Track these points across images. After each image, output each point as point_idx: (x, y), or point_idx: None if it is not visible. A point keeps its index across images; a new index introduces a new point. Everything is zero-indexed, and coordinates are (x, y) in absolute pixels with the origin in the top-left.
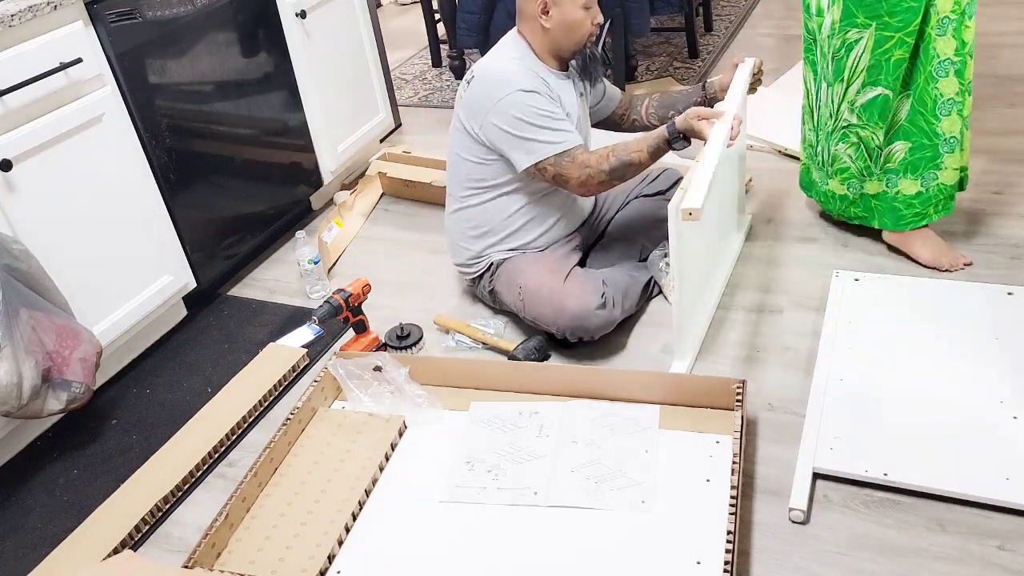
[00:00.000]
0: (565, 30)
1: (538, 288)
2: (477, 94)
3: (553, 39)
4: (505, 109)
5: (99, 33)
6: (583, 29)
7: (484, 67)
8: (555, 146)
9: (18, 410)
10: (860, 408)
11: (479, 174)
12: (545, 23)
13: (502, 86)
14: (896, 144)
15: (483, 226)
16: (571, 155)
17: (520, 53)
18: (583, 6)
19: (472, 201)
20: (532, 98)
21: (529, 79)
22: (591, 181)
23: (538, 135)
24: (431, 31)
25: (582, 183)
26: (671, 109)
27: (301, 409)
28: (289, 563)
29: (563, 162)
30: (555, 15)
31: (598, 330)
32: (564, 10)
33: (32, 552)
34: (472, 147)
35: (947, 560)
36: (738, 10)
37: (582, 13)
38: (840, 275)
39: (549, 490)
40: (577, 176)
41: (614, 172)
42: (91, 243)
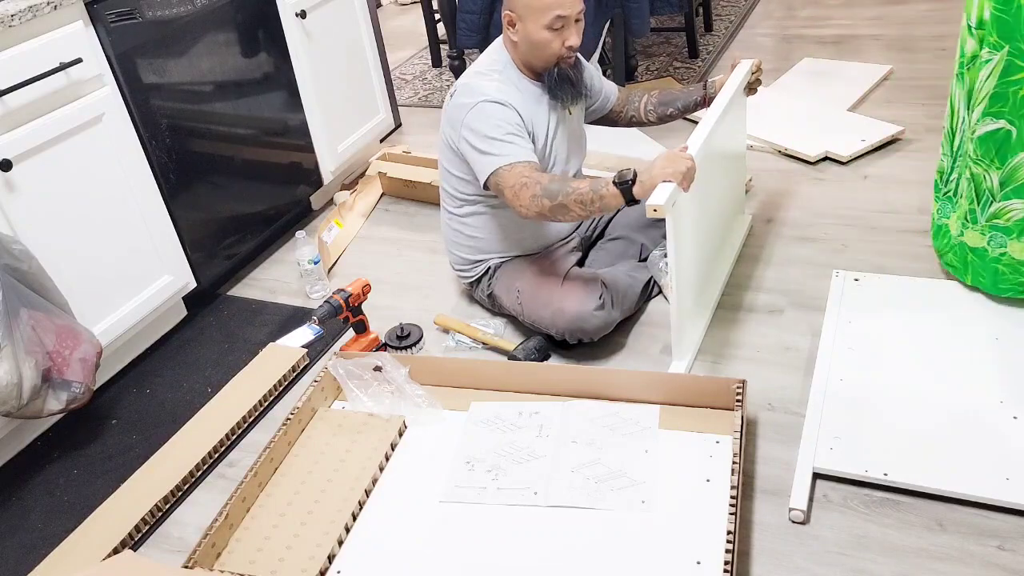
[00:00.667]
0: (531, 46)
1: (536, 291)
2: (454, 107)
3: (521, 53)
4: (471, 121)
5: (99, 33)
6: (549, 49)
7: (462, 80)
8: (501, 158)
9: (18, 410)
10: (860, 408)
11: (464, 188)
12: (512, 36)
13: (471, 99)
14: (1015, 202)
15: (475, 237)
16: (512, 165)
17: (502, 63)
18: (546, 27)
19: (461, 213)
20: (495, 109)
21: (500, 91)
22: (524, 193)
23: (490, 146)
24: (431, 31)
25: (515, 194)
26: (670, 107)
27: (301, 409)
28: (289, 563)
29: (502, 171)
30: (520, 30)
31: (597, 331)
32: (527, 28)
33: (32, 552)
34: (455, 161)
35: (947, 560)
36: (738, 10)
37: (547, 34)
38: (840, 275)
39: (549, 490)
40: (511, 185)
41: (549, 191)
42: (91, 243)
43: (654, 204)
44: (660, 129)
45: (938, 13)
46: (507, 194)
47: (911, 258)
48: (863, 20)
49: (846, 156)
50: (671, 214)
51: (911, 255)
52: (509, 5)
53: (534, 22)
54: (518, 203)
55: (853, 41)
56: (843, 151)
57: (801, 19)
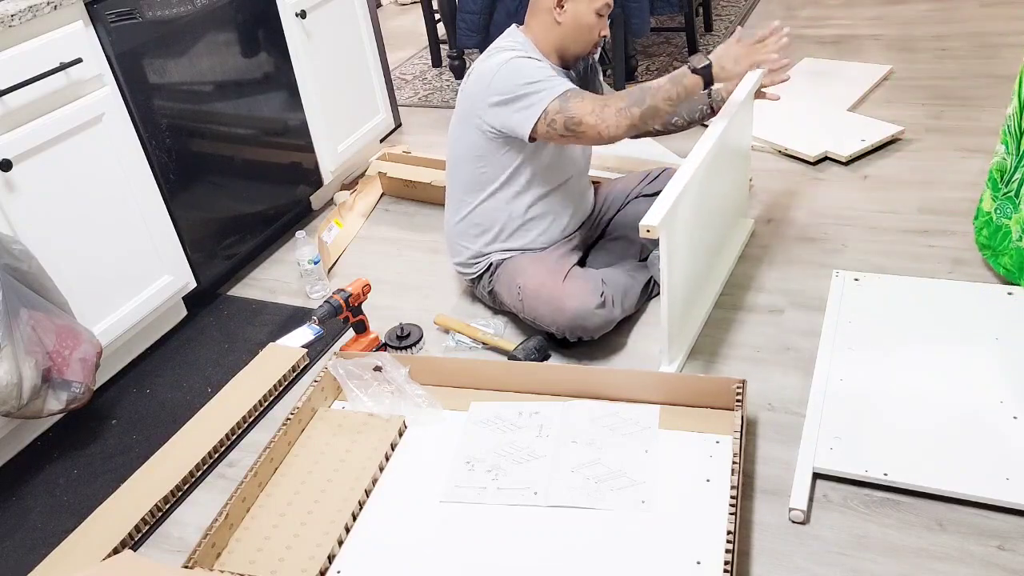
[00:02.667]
0: (575, 29)
1: (537, 288)
2: (476, 80)
3: (562, 36)
4: (500, 80)
5: (99, 33)
6: (591, 34)
7: (482, 59)
8: (553, 91)
9: (18, 410)
10: (860, 408)
11: (480, 172)
12: (558, 17)
13: (495, 65)
14: None
15: (484, 226)
16: (576, 94)
17: (523, 44)
18: (597, 12)
19: (473, 200)
20: (523, 63)
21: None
22: (606, 113)
23: (534, 88)
24: (431, 31)
25: (599, 119)
26: (675, 115)
27: (301, 409)
28: (289, 563)
29: (569, 103)
30: (569, 11)
31: (597, 330)
32: (579, 8)
33: (32, 552)
34: (474, 142)
35: (947, 560)
36: (738, 10)
37: (594, 19)
38: (840, 275)
39: (549, 490)
40: (590, 110)
41: (632, 99)
42: (91, 243)
43: (648, 224)
44: None
45: (938, 13)
46: (588, 120)
47: (911, 258)
48: (863, 20)
49: (846, 156)
50: (665, 232)
51: (911, 255)
52: None
53: (587, 5)
54: (603, 124)
55: (853, 41)
56: (843, 151)
57: (801, 19)
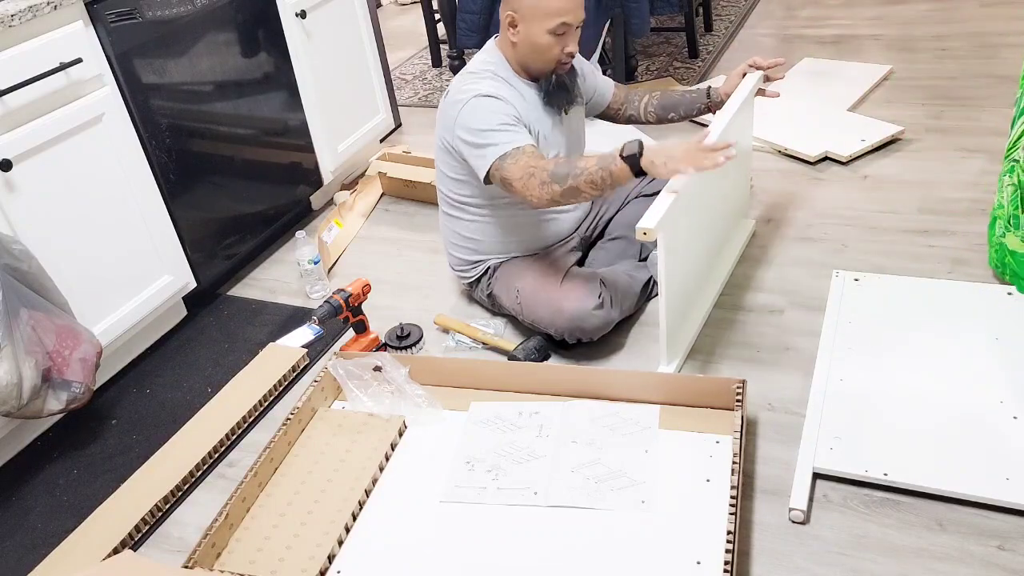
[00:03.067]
0: (530, 49)
1: (535, 291)
2: (446, 107)
3: (520, 55)
4: (465, 116)
5: (99, 33)
6: (549, 54)
7: (455, 81)
8: (502, 147)
9: (18, 410)
10: (860, 408)
11: (461, 190)
12: (512, 37)
13: (463, 96)
14: None
15: (472, 239)
16: (515, 156)
17: (496, 63)
18: (550, 31)
19: (458, 215)
20: (487, 103)
21: (491, 85)
22: (530, 183)
23: (485, 138)
24: (431, 31)
25: (524, 186)
26: (671, 111)
27: (301, 409)
28: (289, 563)
29: (506, 162)
30: (522, 32)
31: (596, 331)
32: (531, 30)
33: (32, 552)
34: (449, 162)
35: (947, 560)
36: (738, 10)
37: (549, 39)
38: (840, 275)
39: (549, 490)
40: (519, 176)
41: (557, 175)
42: (91, 243)
43: (644, 227)
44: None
45: (938, 13)
46: (516, 186)
47: (911, 258)
48: (863, 20)
49: (846, 156)
50: (663, 234)
51: (911, 255)
52: (512, 5)
53: (538, 26)
54: (528, 193)
55: (853, 41)
56: (843, 151)
57: (801, 19)
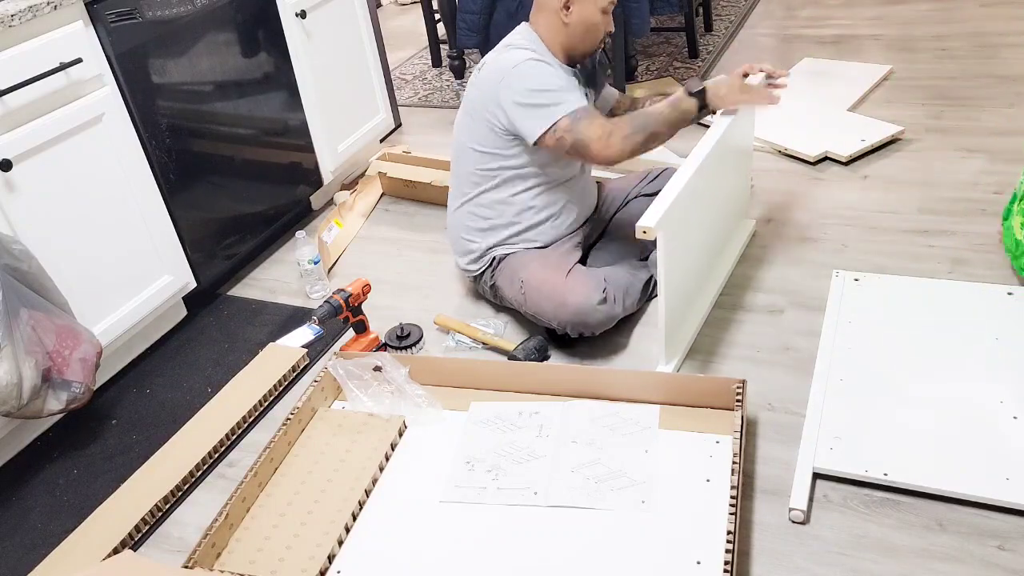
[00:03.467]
0: (583, 29)
1: (540, 283)
2: (490, 72)
3: (569, 36)
4: (516, 78)
5: (99, 33)
6: (598, 32)
7: (493, 54)
8: (567, 106)
9: (18, 410)
10: (860, 408)
11: (485, 165)
12: (565, 18)
13: (510, 62)
14: None
15: (490, 218)
16: (588, 115)
17: (534, 43)
18: (602, 10)
19: (476, 192)
20: (539, 67)
21: (541, 57)
22: (612, 140)
23: (545, 99)
24: (431, 31)
25: (605, 144)
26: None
27: (301, 409)
28: (289, 563)
29: (580, 124)
30: (576, 12)
31: (599, 325)
32: (584, 9)
33: (32, 552)
34: (483, 134)
35: (947, 560)
36: (738, 10)
37: (600, 17)
38: (840, 275)
39: (549, 490)
40: (598, 136)
41: (638, 126)
42: (91, 243)
43: (644, 225)
44: None
45: (938, 13)
46: (593, 146)
47: (911, 258)
48: (863, 20)
49: (846, 156)
50: (663, 233)
51: (911, 255)
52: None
53: (592, 4)
54: (608, 150)
55: (853, 41)
56: (843, 151)
57: (801, 19)
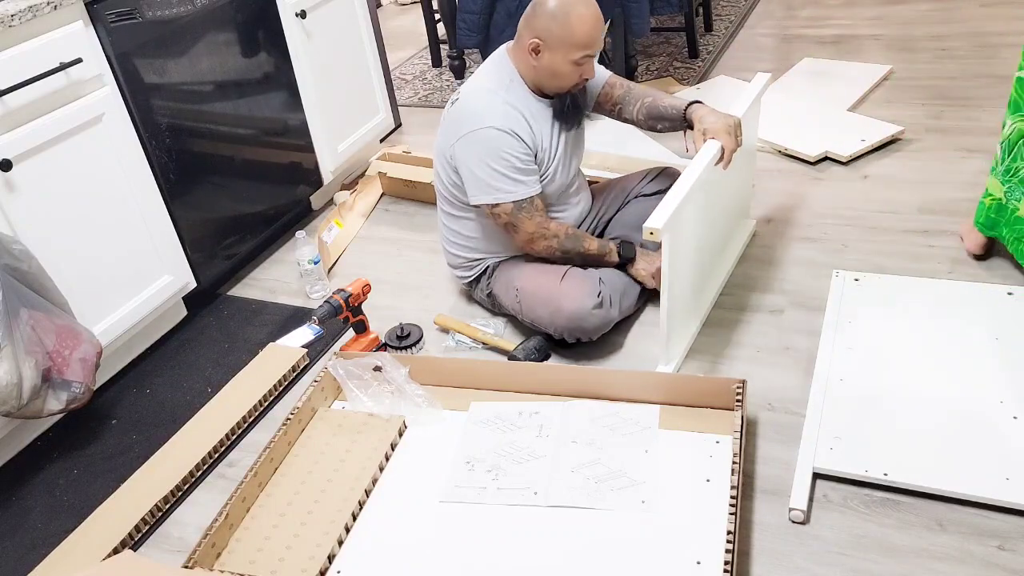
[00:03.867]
0: (550, 75)
1: (535, 290)
2: (454, 118)
3: (537, 76)
4: (473, 143)
5: (99, 33)
6: (568, 80)
7: (468, 91)
8: (512, 194)
9: (18, 410)
10: (860, 408)
11: (458, 194)
12: (533, 61)
13: (476, 118)
14: None
15: (470, 239)
16: (528, 209)
17: (507, 79)
18: (574, 62)
19: (459, 215)
20: (503, 139)
21: (507, 117)
22: (539, 242)
23: (497, 180)
24: (431, 31)
25: (530, 240)
26: (658, 122)
27: (301, 409)
28: (289, 563)
29: (520, 215)
30: (545, 59)
31: (595, 330)
32: (555, 59)
33: (32, 552)
34: (448, 168)
35: (947, 560)
36: (738, 10)
37: (571, 67)
38: (840, 275)
39: (549, 490)
40: (528, 232)
41: (564, 245)
42: (91, 243)
43: (651, 227)
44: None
45: (938, 13)
46: (519, 237)
47: (911, 258)
48: (863, 20)
49: (846, 156)
50: (668, 234)
51: (911, 255)
52: (537, 32)
53: (563, 56)
54: (529, 246)
55: (853, 41)
56: (843, 151)
57: (801, 19)
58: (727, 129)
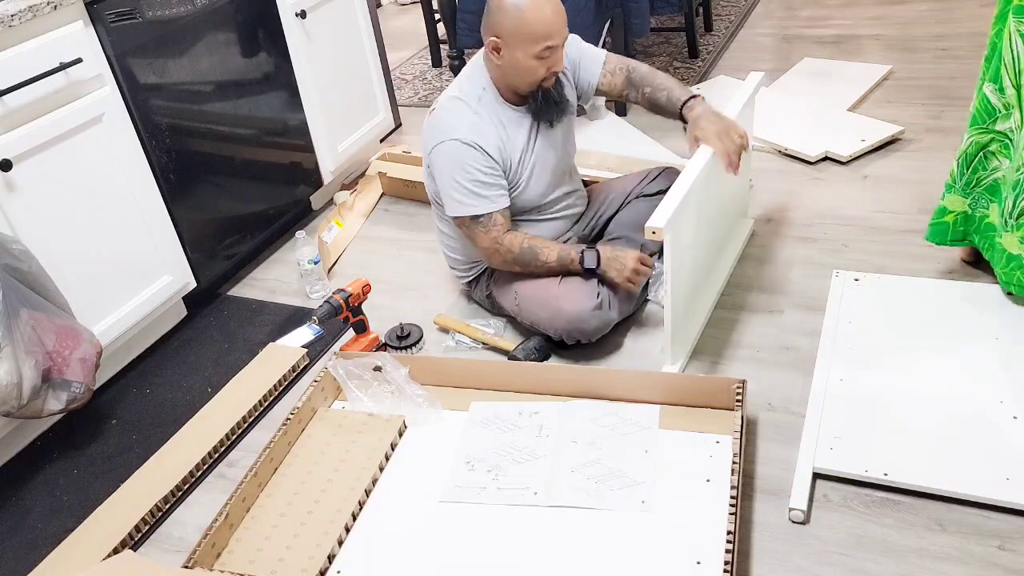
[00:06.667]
0: (515, 73)
1: (534, 293)
2: (428, 129)
3: (504, 75)
4: (439, 156)
5: (99, 33)
6: (535, 75)
7: (441, 101)
8: (470, 208)
9: (18, 410)
10: (860, 408)
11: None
12: (496, 60)
13: (443, 131)
14: None
15: (465, 244)
16: (485, 224)
17: (480, 88)
18: (536, 56)
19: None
20: (466, 153)
21: (473, 128)
22: (495, 257)
23: (459, 193)
24: (431, 31)
25: (488, 254)
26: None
27: (301, 409)
28: (289, 563)
29: (477, 229)
30: (506, 56)
31: (595, 332)
32: (515, 56)
33: (32, 552)
34: (429, 176)
35: (947, 560)
36: (738, 10)
37: (535, 62)
38: (840, 275)
39: (549, 490)
40: (485, 247)
41: (520, 259)
42: (91, 243)
43: (653, 226)
44: (663, 131)
45: (938, 13)
46: (479, 248)
47: (911, 258)
48: (863, 20)
49: (846, 156)
50: (670, 233)
51: (911, 255)
52: (494, 30)
53: (523, 51)
54: (488, 259)
55: (853, 41)
56: (843, 151)
57: (801, 19)
58: (718, 134)
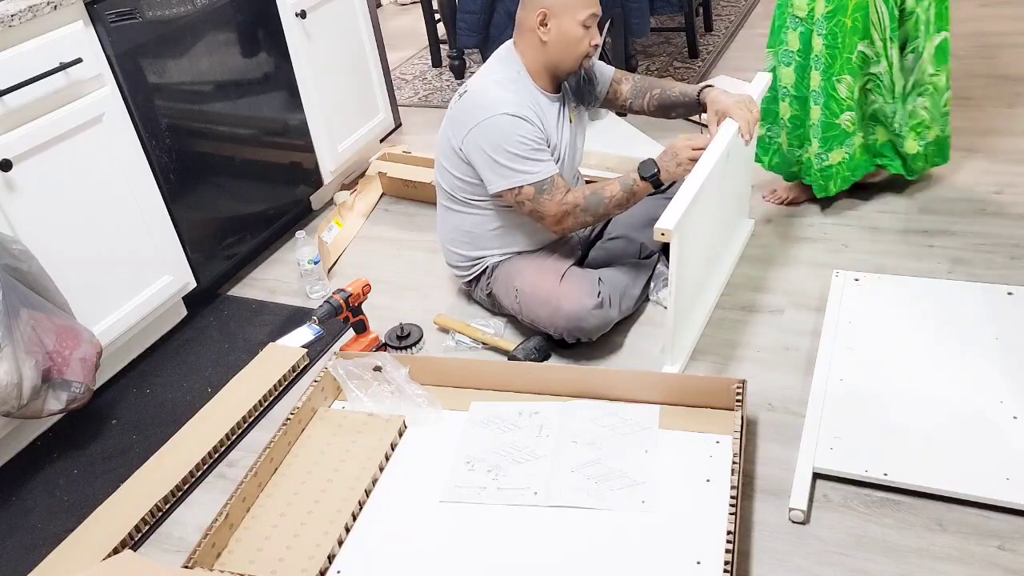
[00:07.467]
0: (563, 45)
1: (534, 290)
2: (464, 110)
3: (550, 54)
4: (487, 130)
5: (99, 33)
6: (580, 47)
7: (476, 84)
8: (532, 175)
9: (18, 410)
10: (860, 408)
11: (465, 189)
12: (543, 36)
13: (489, 107)
14: None
15: (471, 235)
16: (549, 189)
17: (515, 73)
18: (582, 23)
19: (460, 209)
20: (517, 124)
21: (517, 104)
22: (567, 218)
23: (516, 163)
24: (431, 31)
25: (558, 220)
26: (671, 110)
27: (301, 409)
28: (289, 563)
29: (542, 197)
30: (553, 28)
31: (595, 330)
32: (563, 24)
33: (32, 552)
34: (455, 162)
35: (947, 560)
36: (738, 10)
37: (581, 31)
38: (840, 275)
39: (549, 490)
40: (554, 213)
41: (589, 208)
42: (91, 243)
43: (662, 228)
44: (662, 130)
45: None
46: (547, 220)
47: (911, 258)
48: None
49: None
50: (678, 235)
51: (911, 255)
52: (541, 3)
53: (570, 18)
54: (560, 226)
55: None
56: None
57: None
58: (739, 105)
